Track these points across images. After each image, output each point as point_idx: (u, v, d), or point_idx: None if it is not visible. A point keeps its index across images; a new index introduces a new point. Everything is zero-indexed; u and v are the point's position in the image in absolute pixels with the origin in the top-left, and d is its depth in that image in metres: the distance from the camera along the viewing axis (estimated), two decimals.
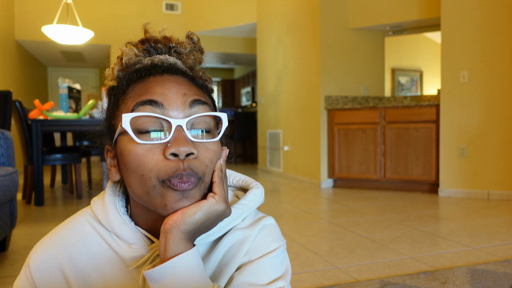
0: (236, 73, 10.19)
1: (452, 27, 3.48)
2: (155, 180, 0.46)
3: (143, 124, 0.48)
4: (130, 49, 0.56)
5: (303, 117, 4.62)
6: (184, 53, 0.58)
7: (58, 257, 0.54)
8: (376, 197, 3.54)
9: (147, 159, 0.46)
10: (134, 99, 0.49)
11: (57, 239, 0.56)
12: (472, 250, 1.98)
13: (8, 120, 2.89)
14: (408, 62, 5.23)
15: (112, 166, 0.54)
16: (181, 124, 0.47)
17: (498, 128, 3.32)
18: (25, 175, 3.55)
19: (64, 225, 0.57)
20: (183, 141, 0.46)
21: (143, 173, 0.47)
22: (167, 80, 0.51)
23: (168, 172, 0.46)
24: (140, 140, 0.47)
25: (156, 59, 0.56)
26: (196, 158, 0.47)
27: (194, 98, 0.50)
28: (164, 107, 0.48)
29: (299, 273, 1.68)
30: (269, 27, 5.60)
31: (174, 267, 0.45)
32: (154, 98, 0.48)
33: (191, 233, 0.48)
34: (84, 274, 0.54)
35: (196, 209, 0.47)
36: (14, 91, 5.79)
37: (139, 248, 0.53)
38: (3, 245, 2.00)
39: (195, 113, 0.49)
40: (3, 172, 1.80)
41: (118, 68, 0.57)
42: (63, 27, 4.42)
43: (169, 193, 0.47)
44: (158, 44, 0.57)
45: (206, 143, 0.49)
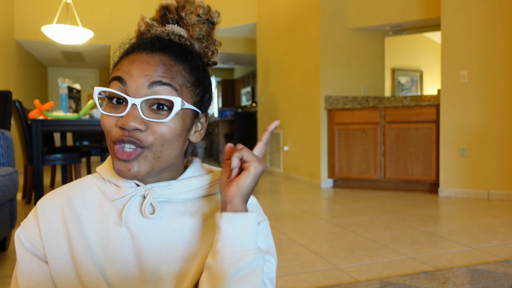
0: (236, 73, 10.18)
1: (452, 27, 3.48)
2: (110, 140, 0.57)
3: (110, 95, 0.57)
4: (142, 19, 0.63)
5: (303, 117, 4.62)
6: (190, 24, 0.62)
7: (61, 202, 0.63)
8: (376, 197, 3.54)
9: (106, 123, 0.57)
10: (112, 73, 0.58)
11: (63, 189, 0.66)
12: (472, 250, 1.98)
13: (8, 120, 2.89)
14: (408, 62, 5.23)
15: None
16: (135, 103, 0.54)
17: (498, 128, 3.32)
18: (25, 175, 3.55)
19: (72, 182, 0.68)
20: (131, 118, 0.54)
21: (105, 132, 0.58)
22: (139, 59, 0.57)
23: (115, 137, 0.55)
24: (105, 110, 0.57)
25: (166, 29, 0.62)
26: (145, 131, 0.55)
27: (155, 80, 0.55)
28: (127, 85, 0.55)
29: (299, 273, 1.68)
30: (269, 27, 5.60)
31: (246, 220, 0.55)
32: (121, 75, 0.56)
33: (246, 198, 0.57)
34: (79, 214, 0.63)
35: (245, 178, 0.56)
36: (14, 91, 5.79)
37: (126, 190, 0.62)
38: (3, 245, 2.00)
39: (153, 94, 0.56)
40: (3, 172, 1.80)
41: (135, 36, 0.65)
42: (63, 27, 4.41)
43: (115, 160, 0.56)
44: (171, 13, 0.62)
45: (156, 121, 0.56)
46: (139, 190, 0.61)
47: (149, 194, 0.60)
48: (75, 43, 4.77)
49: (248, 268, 0.54)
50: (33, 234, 0.61)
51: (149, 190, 0.61)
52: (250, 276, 0.54)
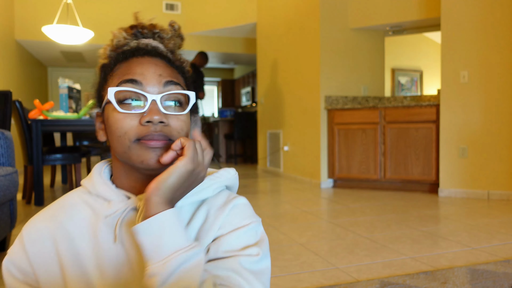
0: (236, 73, 10.18)
1: (452, 27, 3.48)
2: (128, 141, 0.56)
3: (125, 96, 0.58)
4: (120, 32, 0.66)
5: (303, 117, 4.62)
6: (166, 38, 0.68)
7: (48, 226, 0.62)
8: (376, 197, 3.54)
9: (124, 123, 0.57)
10: (119, 77, 0.59)
11: (49, 211, 0.64)
12: (472, 250, 1.98)
13: (8, 120, 2.89)
14: (408, 62, 5.23)
15: (100, 129, 0.64)
16: (155, 99, 0.57)
17: (498, 128, 3.32)
18: (25, 175, 3.55)
19: (57, 200, 0.66)
20: (156, 112, 0.56)
21: (120, 134, 0.57)
22: (146, 62, 0.60)
23: (142, 134, 0.56)
24: (122, 109, 0.57)
25: (142, 42, 0.66)
26: (167, 126, 0.57)
27: (168, 79, 0.60)
28: (143, 85, 0.58)
29: (299, 273, 1.68)
30: (269, 27, 5.60)
31: (160, 222, 0.51)
32: (135, 77, 0.58)
33: (169, 198, 0.54)
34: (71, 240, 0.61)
35: (167, 174, 0.53)
36: (14, 91, 5.79)
37: (117, 204, 0.61)
38: (3, 245, 2.00)
39: (168, 90, 0.59)
40: (3, 172, 1.80)
41: (109, 48, 0.66)
42: (63, 27, 4.41)
43: (144, 151, 0.56)
44: (144, 29, 0.67)
45: (177, 115, 0.59)
46: (130, 203, 0.60)
47: (142, 206, 0.58)
48: (75, 43, 4.78)
49: (178, 270, 0.50)
50: (23, 265, 0.60)
51: (141, 202, 0.59)
52: (183, 277, 0.50)
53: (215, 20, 6.58)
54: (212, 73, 9.92)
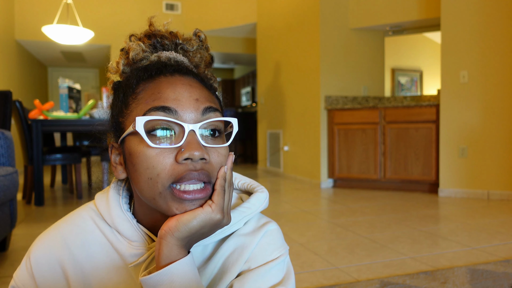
0: (236, 73, 10.18)
1: (452, 27, 3.48)
2: (162, 186, 0.46)
3: (155, 126, 0.47)
4: (137, 44, 0.55)
5: (303, 117, 4.62)
6: (191, 50, 0.57)
7: (59, 252, 0.55)
8: (376, 197, 3.54)
9: (157, 163, 0.46)
10: (146, 102, 0.49)
11: (59, 234, 0.56)
12: (472, 250, 1.98)
13: (8, 120, 2.89)
14: (408, 62, 5.23)
15: (118, 164, 0.54)
16: (194, 129, 0.47)
17: (498, 128, 3.32)
18: (25, 175, 3.56)
19: (67, 219, 0.58)
20: (196, 146, 0.46)
21: (151, 176, 0.46)
22: (179, 82, 0.50)
23: (178, 175, 0.46)
24: (153, 144, 0.46)
25: (163, 55, 0.55)
26: (208, 163, 0.48)
27: (207, 106, 0.50)
28: (178, 113, 0.48)
29: (299, 273, 1.68)
30: (269, 27, 5.60)
31: (170, 274, 0.45)
32: (168, 104, 0.48)
33: (185, 240, 0.47)
34: (83, 270, 0.55)
35: (191, 216, 0.46)
36: (14, 91, 5.79)
37: (139, 246, 0.53)
38: (3, 245, 2.00)
39: (207, 118, 0.49)
40: (3, 172, 1.80)
41: (123, 62, 0.56)
42: (63, 27, 4.41)
43: (176, 203, 0.47)
44: (165, 40, 0.56)
45: (217, 148, 0.50)
46: (152, 249, 0.53)
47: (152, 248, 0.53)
48: (75, 43, 4.78)
49: None
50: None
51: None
52: None
53: (215, 20, 6.58)
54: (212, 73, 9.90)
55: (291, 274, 0.57)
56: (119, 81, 0.56)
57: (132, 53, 0.55)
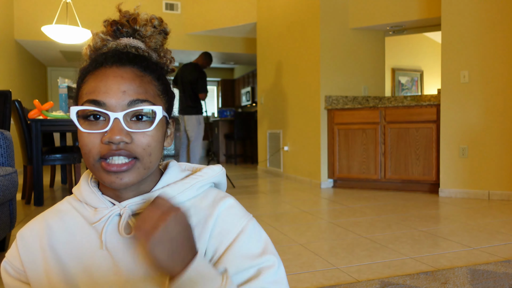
0: (236, 73, 10.18)
1: (453, 27, 3.48)
2: (93, 159, 0.57)
3: (87, 114, 0.57)
4: (96, 33, 0.63)
5: (303, 117, 4.61)
6: (147, 36, 0.64)
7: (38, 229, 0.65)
8: (376, 197, 3.54)
9: (88, 142, 0.56)
10: (86, 94, 0.57)
11: (42, 217, 0.66)
12: (472, 250, 1.97)
13: (7, 120, 2.89)
14: (408, 62, 5.22)
15: None
16: (118, 117, 0.55)
17: (498, 128, 3.32)
18: (24, 175, 3.55)
19: (52, 207, 0.68)
20: (117, 131, 0.55)
21: (85, 151, 0.57)
22: (111, 75, 0.57)
23: (103, 152, 0.55)
24: (84, 128, 0.56)
25: (122, 42, 0.62)
26: (130, 144, 0.56)
27: (133, 99, 0.57)
28: (106, 105, 0.56)
29: (299, 273, 1.68)
30: (269, 27, 5.59)
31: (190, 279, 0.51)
32: (98, 98, 0.56)
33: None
34: (57, 240, 0.63)
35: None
36: (14, 91, 5.78)
37: (102, 211, 0.61)
38: (3, 245, 2.00)
39: (132, 107, 0.57)
40: (3, 172, 1.79)
41: (89, 49, 0.63)
42: (62, 27, 4.41)
43: (106, 174, 0.56)
44: (124, 27, 0.63)
45: (142, 131, 0.57)
46: (114, 210, 0.61)
47: (124, 212, 0.60)
48: (75, 42, 4.77)
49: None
50: (16, 263, 0.65)
51: (124, 208, 0.60)
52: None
53: (215, 20, 6.57)
54: (212, 73, 9.92)
55: (268, 240, 0.63)
56: (83, 66, 0.62)
57: (92, 42, 0.63)
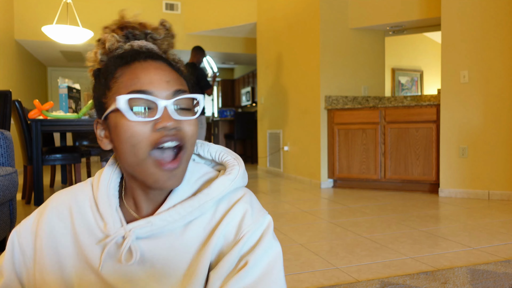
0: (236, 73, 10.18)
1: (452, 27, 3.48)
2: (143, 151, 0.55)
3: (134, 104, 0.56)
4: (112, 35, 0.63)
5: (303, 117, 4.61)
6: (159, 38, 0.66)
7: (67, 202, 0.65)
8: (376, 197, 3.54)
9: (138, 131, 0.55)
10: (126, 86, 0.57)
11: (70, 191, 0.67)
12: (472, 250, 1.97)
13: (7, 120, 2.89)
14: (408, 62, 5.22)
15: (103, 138, 0.62)
16: (167, 105, 0.56)
17: (498, 128, 3.32)
18: (24, 175, 3.55)
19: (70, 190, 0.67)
20: (169, 118, 0.55)
21: (134, 143, 0.55)
22: (151, 67, 0.58)
23: (155, 140, 0.55)
24: (134, 117, 0.55)
25: (135, 44, 0.63)
26: (180, 131, 0.57)
27: (176, 88, 0.58)
28: (152, 94, 0.56)
29: (299, 273, 1.68)
30: (269, 27, 5.59)
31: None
32: (144, 88, 0.56)
33: None
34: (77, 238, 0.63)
35: None
36: (14, 91, 5.79)
37: (110, 229, 0.60)
38: (3, 245, 2.00)
39: (176, 96, 0.58)
40: (3, 172, 1.79)
41: (101, 52, 0.63)
42: (62, 27, 4.41)
43: (158, 171, 0.56)
44: (136, 30, 0.65)
45: (188, 120, 0.59)
46: (119, 232, 0.59)
47: (128, 237, 0.58)
48: (75, 42, 4.77)
49: None
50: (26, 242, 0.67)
51: (128, 232, 0.58)
52: None
53: (215, 20, 6.58)
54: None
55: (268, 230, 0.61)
56: (98, 68, 0.63)
57: (108, 44, 0.62)
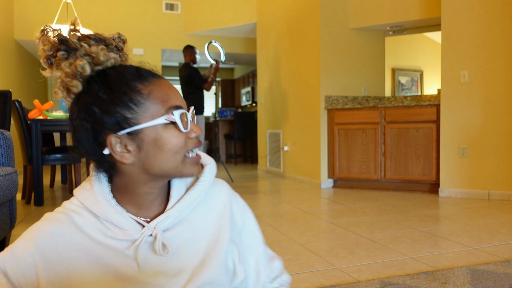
0: (236, 73, 10.18)
1: (452, 27, 3.48)
2: (181, 155, 0.64)
3: (181, 118, 0.64)
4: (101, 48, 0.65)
5: (303, 117, 4.61)
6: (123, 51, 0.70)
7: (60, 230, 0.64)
8: (376, 197, 3.54)
9: (180, 140, 0.64)
10: (162, 102, 0.63)
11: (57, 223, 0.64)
12: (472, 250, 1.97)
13: (7, 120, 2.89)
14: (408, 62, 5.22)
15: (124, 152, 0.62)
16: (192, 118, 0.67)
17: (498, 128, 3.32)
18: (24, 175, 3.55)
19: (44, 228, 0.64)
20: (198, 129, 0.66)
21: (176, 150, 0.63)
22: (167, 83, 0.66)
23: (191, 147, 0.65)
24: (183, 129, 0.63)
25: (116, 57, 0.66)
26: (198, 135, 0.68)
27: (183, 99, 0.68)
28: (183, 107, 0.65)
29: (299, 273, 1.68)
30: (269, 27, 5.59)
31: None
32: (177, 103, 0.64)
33: None
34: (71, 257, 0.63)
35: None
36: (14, 91, 5.78)
37: (132, 233, 0.64)
38: (3, 245, 2.00)
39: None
40: (3, 172, 1.79)
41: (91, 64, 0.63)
42: (63, 27, 4.40)
43: (194, 165, 0.67)
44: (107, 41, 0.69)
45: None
46: (146, 232, 0.64)
47: (158, 233, 0.64)
48: None
49: None
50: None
51: (155, 229, 0.64)
52: None
53: (215, 20, 6.57)
54: None
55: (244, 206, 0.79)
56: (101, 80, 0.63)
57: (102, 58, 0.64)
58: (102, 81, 0.62)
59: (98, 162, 0.65)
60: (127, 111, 0.61)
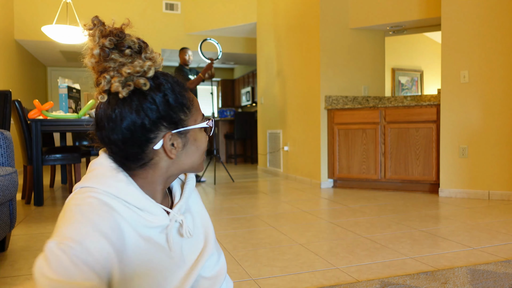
0: (236, 73, 10.18)
1: (453, 27, 3.48)
2: (204, 154, 0.78)
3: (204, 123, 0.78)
4: (158, 54, 0.73)
5: (303, 117, 4.61)
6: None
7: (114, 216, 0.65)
8: (376, 197, 3.54)
9: (206, 143, 0.77)
10: (197, 110, 0.76)
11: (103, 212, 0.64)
12: (472, 250, 1.97)
13: (7, 120, 2.89)
14: (408, 62, 5.22)
15: (174, 148, 0.71)
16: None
17: (498, 128, 3.32)
18: (24, 175, 3.55)
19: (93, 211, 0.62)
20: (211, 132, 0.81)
21: (204, 150, 0.77)
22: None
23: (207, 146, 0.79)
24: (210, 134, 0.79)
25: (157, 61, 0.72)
26: None
27: None
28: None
29: (299, 273, 1.68)
30: (269, 27, 5.59)
31: None
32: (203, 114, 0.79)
33: None
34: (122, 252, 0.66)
35: None
36: (14, 91, 5.78)
37: (162, 218, 0.71)
38: (3, 245, 2.00)
39: None
40: (3, 172, 1.79)
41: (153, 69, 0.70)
42: (62, 27, 4.41)
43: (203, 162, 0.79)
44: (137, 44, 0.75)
45: None
46: (177, 217, 0.74)
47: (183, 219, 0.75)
48: (75, 42, 4.77)
49: None
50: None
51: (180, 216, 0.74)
52: None
53: (215, 20, 6.57)
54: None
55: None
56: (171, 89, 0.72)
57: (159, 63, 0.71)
58: (168, 85, 0.71)
59: (133, 155, 0.68)
60: (183, 114, 0.72)
